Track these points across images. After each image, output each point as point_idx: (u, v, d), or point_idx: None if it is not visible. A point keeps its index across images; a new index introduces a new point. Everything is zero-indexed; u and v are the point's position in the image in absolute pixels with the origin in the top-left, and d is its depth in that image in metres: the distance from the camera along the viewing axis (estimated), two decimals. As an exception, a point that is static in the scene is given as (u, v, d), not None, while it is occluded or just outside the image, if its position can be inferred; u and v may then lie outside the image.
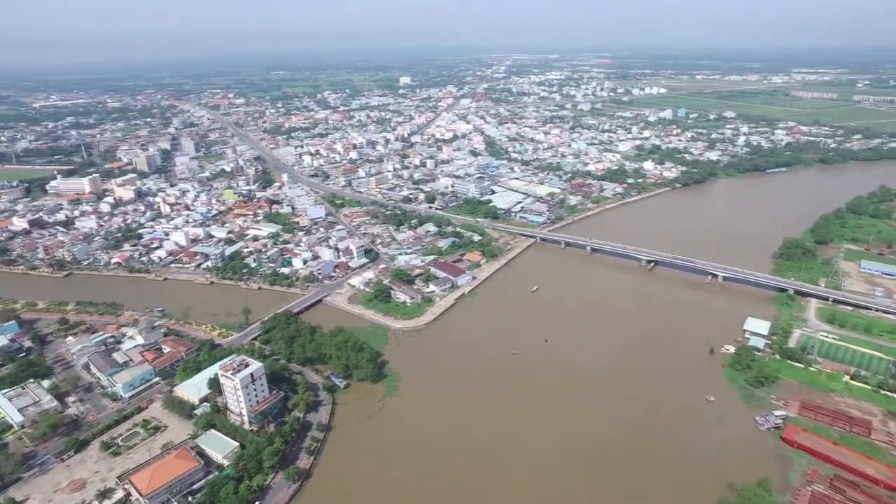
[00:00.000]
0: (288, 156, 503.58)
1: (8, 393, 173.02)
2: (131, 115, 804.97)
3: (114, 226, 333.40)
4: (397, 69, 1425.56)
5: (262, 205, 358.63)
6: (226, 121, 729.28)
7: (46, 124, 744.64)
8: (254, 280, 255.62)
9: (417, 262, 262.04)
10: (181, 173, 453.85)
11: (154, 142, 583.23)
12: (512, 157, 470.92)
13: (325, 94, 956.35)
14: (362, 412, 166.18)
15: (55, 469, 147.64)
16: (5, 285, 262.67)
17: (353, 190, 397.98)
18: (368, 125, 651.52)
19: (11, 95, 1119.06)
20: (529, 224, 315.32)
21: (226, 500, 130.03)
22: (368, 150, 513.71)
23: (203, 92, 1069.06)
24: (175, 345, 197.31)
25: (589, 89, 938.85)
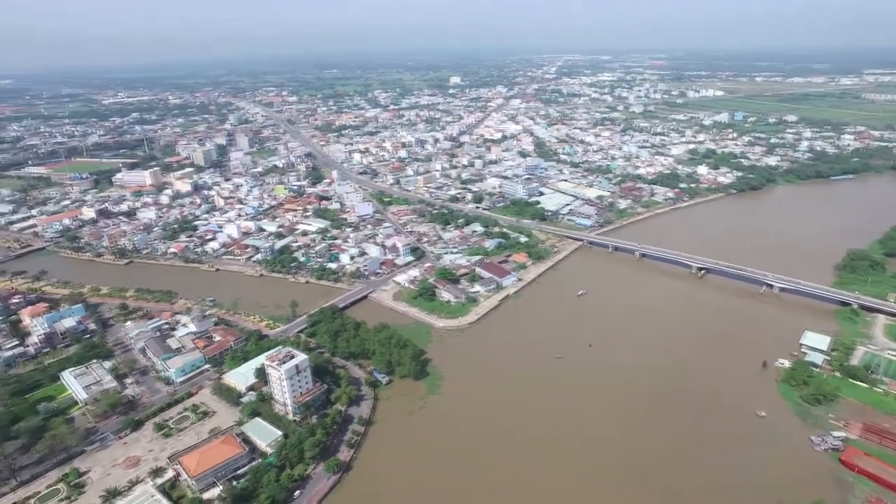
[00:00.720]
0: (338, 153, 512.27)
1: (74, 371, 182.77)
2: (190, 112, 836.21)
3: (171, 217, 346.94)
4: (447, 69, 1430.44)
5: (312, 200, 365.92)
6: (279, 118, 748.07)
7: (114, 120, 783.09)
8: (301, 274, 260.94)
9: (463, 262, 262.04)
10: (235, 168, 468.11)
11: (211, 137, 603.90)
12: (561, 159, 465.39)
13: (376, 92, 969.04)
14: (403, 408, 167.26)
15: (113, 445, 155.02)
16: (74, 271, 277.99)
17: (401, 188, 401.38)
18: (418, 124, 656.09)
19: (84, 93, 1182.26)
20: (577, 227, 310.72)
21: (268, 487, 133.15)
22: (417, 148, 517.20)
23: (258, 90, 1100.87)
24: (225, 334, 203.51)
25: (641, 91, 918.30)
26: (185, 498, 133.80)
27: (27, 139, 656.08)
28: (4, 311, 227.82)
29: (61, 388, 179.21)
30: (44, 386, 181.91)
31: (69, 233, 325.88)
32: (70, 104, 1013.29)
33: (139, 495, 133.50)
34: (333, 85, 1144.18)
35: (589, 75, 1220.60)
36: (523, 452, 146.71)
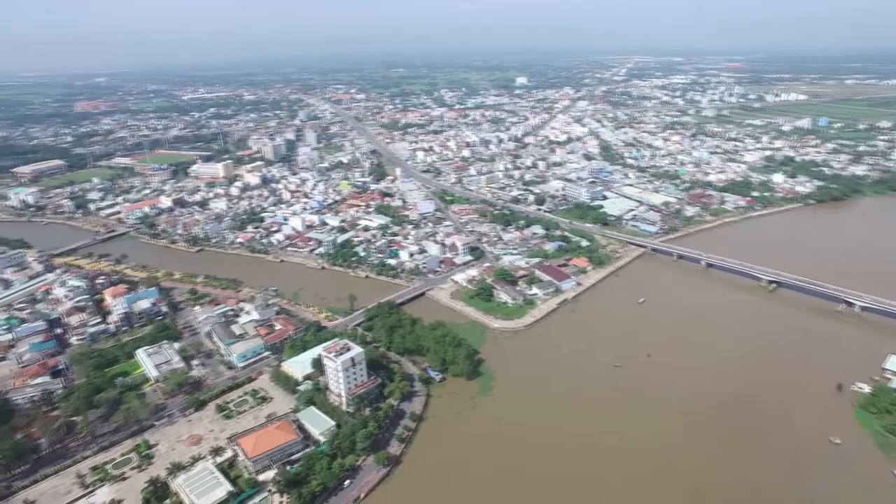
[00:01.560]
0: (402, 151, 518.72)
1: (148, 350, 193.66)
2: (263, 108, 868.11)
3: (241, 208, 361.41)
4: (514, 69, 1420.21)
5: (375, 197, 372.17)
6: (346, 115, 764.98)
7: (193, 114, 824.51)
8: (361, 268, 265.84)
9: (522, 264, 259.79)
10: (303, 163, 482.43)
11: (281, 132, 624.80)
12: (627, 163, 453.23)
13: (442, 91, 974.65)
14: (455, 407, 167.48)
15: (179, 422, 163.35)
16: (151, 255, 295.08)
17: (463, 187, 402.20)
18: (482, 124, 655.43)
19: (168, 89, 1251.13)
20: (641, 233, 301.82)
21: (319, 474, 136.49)
22: (481, 148, 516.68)
23: (327, 87, 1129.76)
24: (285, 323, 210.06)
25: (716, 94, 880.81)
26: (242, 478, 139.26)
27: (117, 132, 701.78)
28: (90, 290, 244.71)
29: (136, 365, 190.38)
30: (121, 362, 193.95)
31: (148, 220, 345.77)
32: (155, 99, 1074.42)
33: (200, 471, 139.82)
34: (400, 83, 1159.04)
35: (660, 77, 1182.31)
36: (572, 461, 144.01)
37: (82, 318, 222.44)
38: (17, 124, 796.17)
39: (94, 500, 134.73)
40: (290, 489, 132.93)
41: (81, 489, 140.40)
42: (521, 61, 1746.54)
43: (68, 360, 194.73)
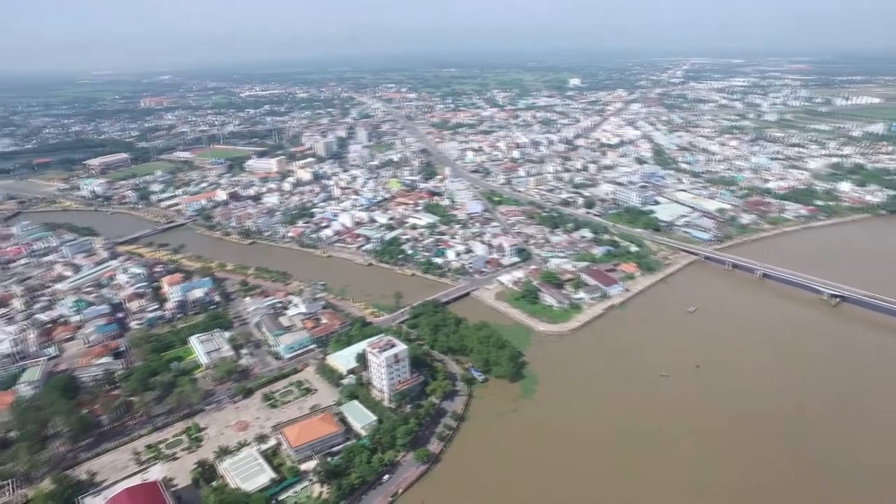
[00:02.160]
0: (452, 150, 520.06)
1: (200, 337, 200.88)
2: (316, 105, 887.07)
3: (292, 203, 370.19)
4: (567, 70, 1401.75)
5: (424, 195, 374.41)
6: (397, 113, 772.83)
7: (249, 111, 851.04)
8: (408, 266, 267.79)
9: (569, 267, 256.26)
10: (353, 160, 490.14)
11: (333, 130, 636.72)
12: (680, 168, 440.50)
13: (494, 92, 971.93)
14: (496, 408, 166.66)
15: (227, 409, 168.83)
16: (206, 246, 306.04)
17: (512, 188, 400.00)
18: (533, 125, 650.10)
19: (226, 87, 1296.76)
20: (693, 240, 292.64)
21: (359, 467, 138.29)
22: (531, 150, 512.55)
23: (379, 86, 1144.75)
24: (331, 317, 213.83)
25: (778, 98, 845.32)
26: (284, 466, 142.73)
27: (178, 127, 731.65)
28: (149, 277, 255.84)
29: (189, 351, 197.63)
30: (175, 347, 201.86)
31: (204, 212, 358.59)
32: (213, 96, 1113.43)
33: (245, 457, 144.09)
34: (452, 83, 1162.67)
35: (718, 80, 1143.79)
36: (613, 469, 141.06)
37: (141, 303, 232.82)
38: (90, 120, 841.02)
39: (148, 476, 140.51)
40: (331, 480, 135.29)
41: (137, 465, 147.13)
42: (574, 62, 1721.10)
43: (128, 343, 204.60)
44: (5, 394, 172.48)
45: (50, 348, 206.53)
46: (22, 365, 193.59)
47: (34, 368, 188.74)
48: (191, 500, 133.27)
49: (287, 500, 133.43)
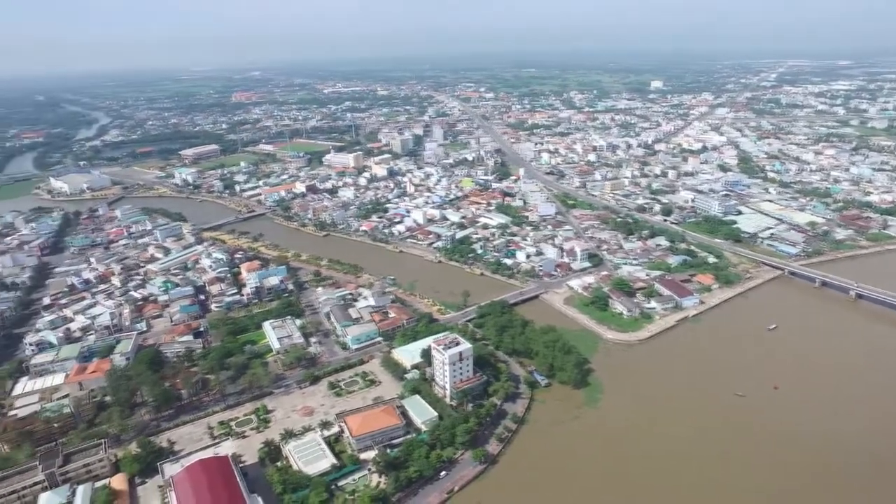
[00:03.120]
0: (527, 151, 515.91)
1: (273, 323, 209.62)
2: (395, 103, 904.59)
3: (366, 198, 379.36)
4: (649, 72, 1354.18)
5: (496, 196, 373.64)
6: (474, 113, 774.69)
7: (330, 107, 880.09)
8: (477, 266, 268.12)
9: (642, 275, 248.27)
10: (428, 158, 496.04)
11: (409, 127, 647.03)
12: (768, 177, 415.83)
13: (572, 93, 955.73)
14: (558, 414, 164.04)
15: (294, 393, 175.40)
16: (283, 236, 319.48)
17: (586, 192, 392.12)
18: (611, 128, 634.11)
19: (310, 83, 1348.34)
20: (778, 254, 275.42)
21: (417, 461, 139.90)
22: (608, 153, 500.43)
23: (458, 85, 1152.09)
24: (399, 312, 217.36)
25: (889, 103, 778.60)
26: (345, 453, 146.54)
27: (264, 121, 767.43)
28: (230, 263, 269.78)
29: (262, 336, 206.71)
30: (250, 331, 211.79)
31: (283, 203, 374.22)
32: (298, 92, 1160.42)
33: (308, 441, 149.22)
34: (530, 84, 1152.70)
35: (818, 83, 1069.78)
36: (676, 488, 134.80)
37: (221, 287, 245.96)
38: (186, 113, 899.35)
39: (219, 450, 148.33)
40: (389, 471, 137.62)
41: (210, 439, 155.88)
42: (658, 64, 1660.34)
43: (208, 324, 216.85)
44: (103, 362, 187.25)
45: (140, 323, 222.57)
46: (117, 337, 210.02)
47: (127, 341, 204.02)
48: (256, 478, 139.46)
49: (345, 487, 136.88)
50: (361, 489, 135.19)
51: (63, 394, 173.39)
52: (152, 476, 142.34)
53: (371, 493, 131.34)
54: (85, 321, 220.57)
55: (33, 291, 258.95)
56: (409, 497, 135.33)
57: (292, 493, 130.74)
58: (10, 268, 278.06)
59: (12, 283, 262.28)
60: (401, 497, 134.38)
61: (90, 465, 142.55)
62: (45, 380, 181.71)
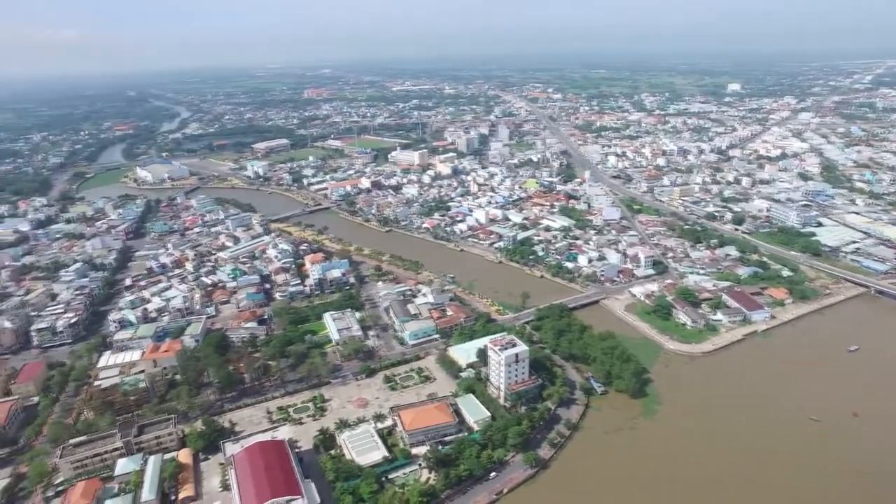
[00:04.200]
0: (594, 154, 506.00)
1: (333, 315, 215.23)
2: (461, 102, 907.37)
3: (430, 196, 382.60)
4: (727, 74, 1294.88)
5: (560, 198, 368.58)
6: (541, 113, 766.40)
7: (398, 104, 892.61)
8: (538, 268, 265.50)
9: (708, 286, 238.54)
10: (493, 158, 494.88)
11: (475, 126, 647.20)
12: (855, 187, 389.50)
13: (643, 95, 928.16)
14: (613, 423, 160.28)
15: (350, 385, 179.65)
16: (347, 230, 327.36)
17: (653, 197, 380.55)
18: (683, 132, 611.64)
19: (379, 81, 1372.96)
20: (864, 270, 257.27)
21: (468, 460, 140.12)
22: (678, 158, 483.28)
23: (525, 85, 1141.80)
24: (457, 310, 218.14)
25: None
26: (397, 447, 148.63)
27: (333, 117, 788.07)
28: (295, 254, 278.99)
29: (322, 326, 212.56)
30: (311, 321, 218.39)
31: (349, 198, 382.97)
32: (367, 90, 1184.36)
33: (361, 432, 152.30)
34: (599, 85, 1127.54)
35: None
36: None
37: (285, 277, 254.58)
38: (260, 108, 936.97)
39: (277, 434, 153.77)
40: (439, 468, 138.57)
41: (269, 423, 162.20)
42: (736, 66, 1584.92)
43: (271, 312, 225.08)
44: (175, 342, 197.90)
45: (210, 308, 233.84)
46: (188, 319, 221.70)
47: (197, 324, 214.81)
48: (310, 463, 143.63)
49: (396, 480, 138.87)
50: (411, 483, 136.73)
51: (139, 369, 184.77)
52: (214, 453, 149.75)
53: (420, 489, 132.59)
54: (160, 303, 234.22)
55: (117, 272, 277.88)
56: (458, 495, 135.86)
57: (344, 482, 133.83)
58: (99, 249, 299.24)
59: (100, 263, 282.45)
60: (450, 494, 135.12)
61: (161, 438, 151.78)
62: (125, 355, 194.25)
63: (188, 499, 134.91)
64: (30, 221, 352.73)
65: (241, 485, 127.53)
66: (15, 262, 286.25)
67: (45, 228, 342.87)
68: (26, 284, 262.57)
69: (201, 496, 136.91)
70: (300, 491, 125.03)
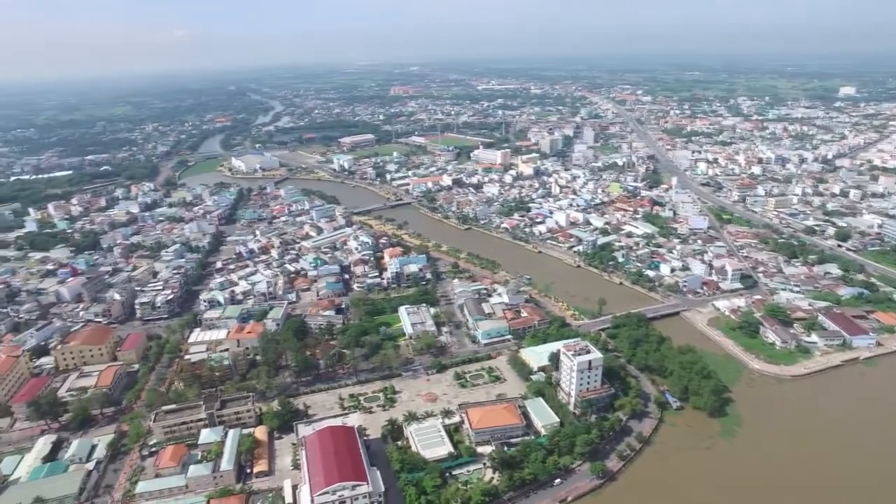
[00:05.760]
0: (682, 159, 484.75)
1: (408, 309, 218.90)
2: (547, 102, 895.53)
3: (510, 196, 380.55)
4: (839, 76, 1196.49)
5: (644, 204, 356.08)
6: (628, 116, 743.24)
7: (482, 103, 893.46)
8: (617, 274, 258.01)
9: (803, 304, 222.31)
10: (576, 160, 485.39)
11: (560, 127, 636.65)
12: None
13: (739, 99, 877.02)
14: (687, 441, 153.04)
15: (421, 379, 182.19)
16: (426, 226, 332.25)
17: (745, 207, 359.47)
18: (783, 139, 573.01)
19: (465, 79, 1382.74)
20: None
21: (533, 464, 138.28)
22: (776, 167, 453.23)
23: (613, 86, 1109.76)
24: (531, 312, 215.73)
25: None
26: (463, 444, 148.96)
27: (418, 114, 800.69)
28: (374, 247, 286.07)
29: (396, 319, 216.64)
30: (386, 313, 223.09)
31: (429, 194, 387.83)
32: (453, 88, 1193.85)
33: (429, 426, 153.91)
34: (693, 88, 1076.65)
35: None
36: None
37: (364, 269, 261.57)
38: (348, 103, 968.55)
39: (347, 421, 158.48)
40: (503, 469, 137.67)
41: (340, 409, 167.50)
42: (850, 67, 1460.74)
43: (349, 302, 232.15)
44: (257, 324, 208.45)
45: (291, 294, 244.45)
46: (271, 304, 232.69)
47: (278, 308, 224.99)
48: (377, 452, 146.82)
49: (459, 477, 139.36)
50: (474, 482, 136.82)
51: (224, 347, 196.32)
52: (288, 433, 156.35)
53: (483, 488, 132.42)
54: (246, 286, 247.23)
55: (210, 255, 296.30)
56: (521, 498, 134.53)
57: (408, 473, 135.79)
58: (195, 233, 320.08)
59: (195, 246, 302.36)
60: (512, 496, 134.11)
61: (240, 414, 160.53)
62: (212, 333, 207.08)
63: (261, 473, 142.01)
64: (139, 204, 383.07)
65: (311, 466, 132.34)
66: (125, 241, 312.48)
67: (151, 211, 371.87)
68: (133, 261, 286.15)
69: (273, 472, 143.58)
70: (366, 477, 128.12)
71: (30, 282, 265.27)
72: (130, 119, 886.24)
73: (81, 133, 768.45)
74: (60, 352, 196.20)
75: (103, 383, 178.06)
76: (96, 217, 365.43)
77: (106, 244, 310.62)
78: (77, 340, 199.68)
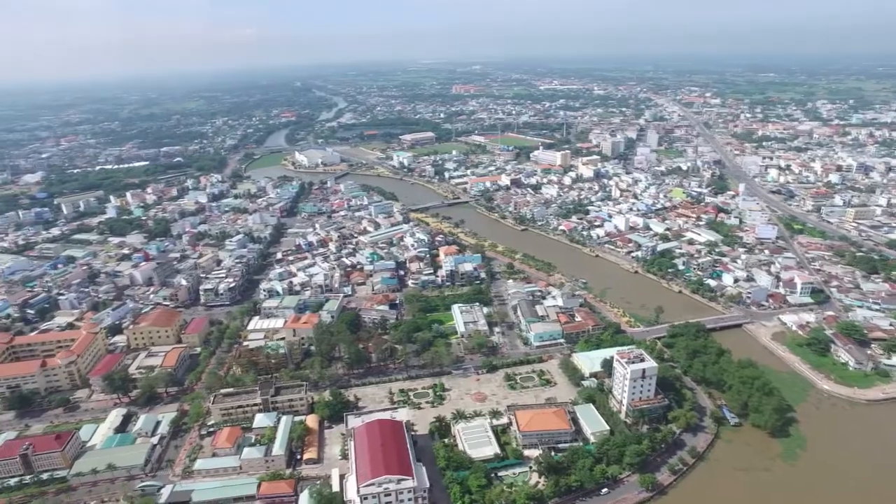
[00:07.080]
0: (752, 165, 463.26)
1: (461, 307, 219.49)
2: (610, 103, 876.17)
3: (569, 198, 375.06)
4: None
5: (709, 210, 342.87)
6: (695, 119, 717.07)
7: (544, 104, 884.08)
8: (676, 282, 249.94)
9: (883, 324, 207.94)
10: (639, 163, 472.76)
11: (622, 130, 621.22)
12: None
13: (818, 103, 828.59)
14: (744, 459, 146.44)
15: (470, 378, 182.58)
16: (482, 225, 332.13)
17: (819, 217, 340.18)
18: (867, 146, 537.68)
19: (527, 79, 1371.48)
20: None
21: (580, 472, 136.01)
22: (857, 175, 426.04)
23: (680, 88, 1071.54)
24: (586, 317, 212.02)
25: None
26: (510, 446, 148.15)
27: (478, 113, 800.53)
28: (430, 244, 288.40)
29: (449, 317, 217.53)
30: (439, 311, 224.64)
31: (487, 194, 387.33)
32: (515, 87, 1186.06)
33: (476, 426, 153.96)
34: (766, 90, 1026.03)
35: None
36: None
37: (419, 266, 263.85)
38: (410, 101, 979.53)
39: (396, 415, 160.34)
40: (549, 474, 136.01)
41: (389, 403, 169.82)
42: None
43: (403, 298, 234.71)
44: (313, 315, 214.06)
45: (347, 287, 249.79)
46: (327, 296, 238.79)
47: (334, 301, 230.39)
48: (424, 448, 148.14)
49: (505, 479, 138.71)
50: (520, 485, 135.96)
51: (280, 336, 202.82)
52: (338, 423, 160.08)
53: (528, 491, 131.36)
54: (304, 278, 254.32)
55: (271, 246, 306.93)
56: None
57: (454, 472, 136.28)
58: (258, 224, 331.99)
59: (258, 237, 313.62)
60: (557, 503, 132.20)
61: (293, 401, 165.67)
62: (270, 321, 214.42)
63: (311, 460, 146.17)
64: (207, 195, 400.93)
65: (358, 456, 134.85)
66: (193, 229, 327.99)
67: (217, 202, 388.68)
68: (199, 249, 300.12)
69: (322, 460, 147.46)
70: (412, 472, 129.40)
71: (108, 264, 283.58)
72: (202, 113, 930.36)
73: (158, 126, 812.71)
74: (132, 331, 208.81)
75: (168, 363, 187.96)
76: (168, 206, 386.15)
77: (176, 231, 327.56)
78: (147, 322, 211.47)
